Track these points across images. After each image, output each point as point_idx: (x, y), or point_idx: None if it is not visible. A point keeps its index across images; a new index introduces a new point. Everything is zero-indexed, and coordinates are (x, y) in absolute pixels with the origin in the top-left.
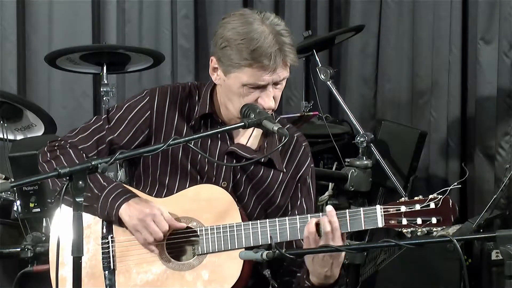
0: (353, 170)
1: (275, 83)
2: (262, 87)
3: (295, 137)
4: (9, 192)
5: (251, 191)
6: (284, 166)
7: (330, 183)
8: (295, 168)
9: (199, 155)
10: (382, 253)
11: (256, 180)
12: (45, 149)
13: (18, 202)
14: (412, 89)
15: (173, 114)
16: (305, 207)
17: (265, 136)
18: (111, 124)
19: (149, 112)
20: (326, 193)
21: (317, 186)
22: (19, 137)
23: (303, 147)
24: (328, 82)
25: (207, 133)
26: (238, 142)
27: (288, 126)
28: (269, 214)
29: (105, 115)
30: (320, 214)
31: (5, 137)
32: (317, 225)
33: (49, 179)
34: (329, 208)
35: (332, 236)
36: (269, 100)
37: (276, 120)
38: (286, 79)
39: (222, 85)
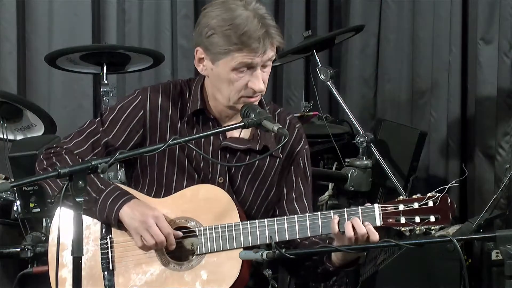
0: (353, 170)
1: (263, 65)
2: (251, 70)
3: (288, 120)
4: (9, 192)
5: (249, 184)
6: (280, 151)
7: (330, 183)
8: (289, 151)
9: (195, 151)
10: (382, 253)
11: (253, 171)
12: (41, 157)
13: (18, 202)
14: (412, 89)
15: (166, 112)
16: (302, 190)
17: None
18: (105, 126)
19: (142, 111)
20: (326, 193)
21: (317, 186)
22: (19, 137)
23: (297, 129)
24: (328, 82)
25: (207, 132)
26: (230, 135)
27: (279, 110)
28: (268, 204)
29: (99, 118)
30: (319, 213)
31: (5, 137)
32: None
33: (48, 186)
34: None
35: (368, 234)
36: (259, 83)
37: (267, 108)
38: (272, 60)
39: (210, 75)
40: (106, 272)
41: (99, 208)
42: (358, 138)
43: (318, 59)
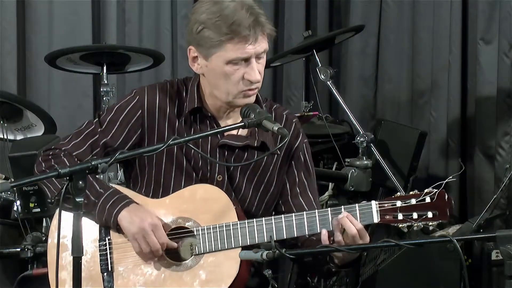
0: (353, 170)
1: (257, 56)
2: (246, 61)
3: (284, 116)
4: (9, 192)
5: (248, 181)
6: (278, 148)
7: (330, 183)
8: (287, 146)
9: (193, 150)
10: (382, 253)
11: (251, 168)
12: (40, 159)
13: (18, 202)
14: (412, 89)
15: (164, 111)
16: (306, 183)
17: None
18: (103, 127)
19: (140, 111)
20: (326, 193)
21: (317, 186)
22: (19, 137)
23: (294, 123)
24: (328, 82)
25: (207, 132)
26: (228, 133)
27: (275, 106)
28: (268, 201)
29: (97, 119)
30: (316, 211)
31: (5, 137)
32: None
33: (46, 188)
34: (344, 213)
35: (360, 234)
36: (255, 73)
37: (264, 105)
38: (266, 52)
39: (205, 72)
40: (105, 274)
41: (98, 212)
42: (358, 138)
43: (318, 59)
